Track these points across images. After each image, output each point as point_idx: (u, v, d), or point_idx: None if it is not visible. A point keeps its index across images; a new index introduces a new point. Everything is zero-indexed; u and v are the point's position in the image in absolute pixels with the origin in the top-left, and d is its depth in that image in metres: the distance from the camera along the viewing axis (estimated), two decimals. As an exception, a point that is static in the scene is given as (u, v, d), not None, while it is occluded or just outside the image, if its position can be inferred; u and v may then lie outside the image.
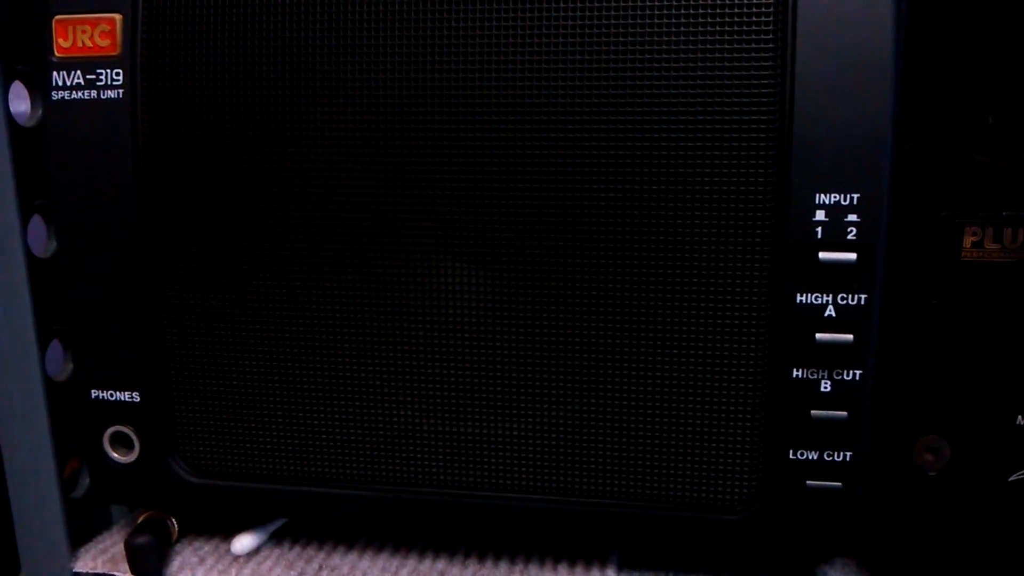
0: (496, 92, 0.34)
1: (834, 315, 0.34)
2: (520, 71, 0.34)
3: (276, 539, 0.44)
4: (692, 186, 0.33)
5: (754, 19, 0.32)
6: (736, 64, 0.32)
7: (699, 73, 0.33)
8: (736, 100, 0.33)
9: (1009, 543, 0.36)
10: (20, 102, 0.40)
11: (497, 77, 0.34)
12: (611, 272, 0.35)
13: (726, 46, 0.32)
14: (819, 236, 0.33)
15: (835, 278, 0.33)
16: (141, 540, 0.40)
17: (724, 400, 0.35)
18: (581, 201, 0.34)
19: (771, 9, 0.32)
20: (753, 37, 0.32)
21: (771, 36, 0.32)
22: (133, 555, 0.40)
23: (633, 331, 0.35)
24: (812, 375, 0.34)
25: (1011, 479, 0.36)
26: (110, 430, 0.40)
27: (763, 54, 0.32)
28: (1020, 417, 0.35)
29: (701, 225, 0.34)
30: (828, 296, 0.33)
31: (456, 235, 0.36)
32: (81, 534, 0.44)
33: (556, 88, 0.34)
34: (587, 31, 0.33)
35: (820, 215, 0.33)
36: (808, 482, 0.35)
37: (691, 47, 0.33)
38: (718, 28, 0.32)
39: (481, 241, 0.35)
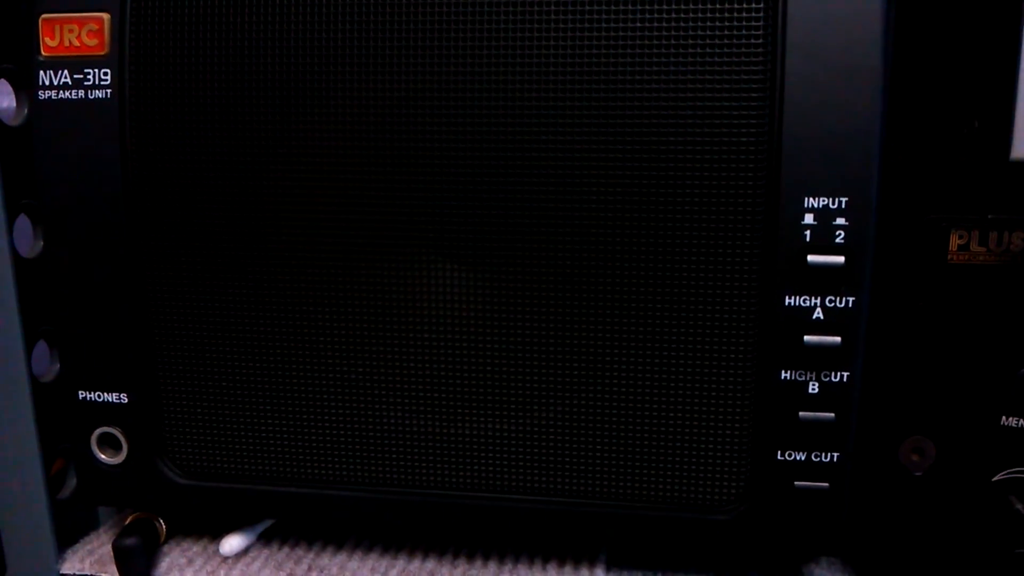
0: (487, 97, 0.34)
1: (822, 317, 0.34)
2: (511, 77, 0.34)
3: (264, 540, 0.44)
4: (682, 189, 0.34)
5: (744, 25, 0.32)
6: (726, 69, 0.32)
7: (689, 78, 0.33)
8: (726, 105, 0.33)
9: (993, 543, 0.36)
10: (6, 100, 0.40)
11: (488, 83, 0.34)
12: (600, 273, 0.35)
13: (716, 51, 0.32)
14: (808, 239, 0.33)
15: (823, 281, 0.33)
16: (129, 541, 0.40)
17: (713, 401, 0.35)
18: (570, 204, 0.34)
19: (761, 15, 0.32)
20: (743, 42, 0.32)
21: (761, 41, 0.32)
22: (121, 556, 0.40)
23: (622, 332, 0.35)
24: (800, 377, 0.35)
25: (995, 479, 0.36)
26: (98, 431, 0.40)
27: (753, 59, 0.32)
28: (1005, 418, 0.36)
29: (691, 228, 0.34)
30: (816, 299, 0.34)
31: (443, 235, 0.36)
32: (68, 535, 0.44)
33: (546, 93, 0.34)
34: (577, 37, 0.33)
35: (809, 218, 0.33)
36: (796, 482, 0.35)
37: (681, 53, 0.33)
38: (708, 34, 0.32)
39: (468, 241, 0.35)
